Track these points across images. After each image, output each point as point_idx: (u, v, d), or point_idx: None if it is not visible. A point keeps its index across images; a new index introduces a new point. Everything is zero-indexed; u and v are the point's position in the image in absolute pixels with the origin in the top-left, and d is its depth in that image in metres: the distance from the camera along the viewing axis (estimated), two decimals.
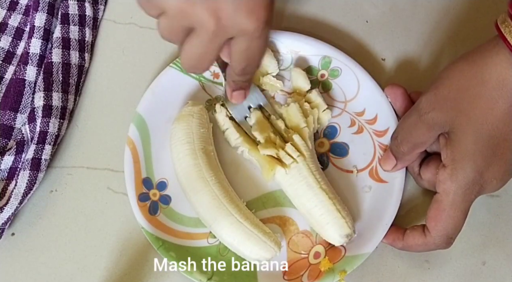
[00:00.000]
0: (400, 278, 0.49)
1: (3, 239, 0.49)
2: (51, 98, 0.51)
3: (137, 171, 0.50)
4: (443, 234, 0.44)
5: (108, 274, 0.49)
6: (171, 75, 0.52)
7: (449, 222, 0.44)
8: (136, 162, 0.50)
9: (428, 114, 0.44)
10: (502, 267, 0.50)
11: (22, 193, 0.49)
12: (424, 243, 0.45)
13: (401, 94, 0.51)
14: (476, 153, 0.42)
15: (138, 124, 0.51)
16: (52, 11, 0.55)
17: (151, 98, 0.52)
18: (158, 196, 0.50)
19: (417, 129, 0.45)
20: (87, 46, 0.56)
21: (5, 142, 0.52)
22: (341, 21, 0.57)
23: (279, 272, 0.48)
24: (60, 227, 0.50)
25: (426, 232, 0.45)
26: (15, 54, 0.55)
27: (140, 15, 0.57)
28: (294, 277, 0.48)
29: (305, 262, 0.49)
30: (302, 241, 0.50)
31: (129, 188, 0.49)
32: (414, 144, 0.46)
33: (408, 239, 0.46)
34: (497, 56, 0.41)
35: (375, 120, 0.52)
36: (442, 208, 0.44)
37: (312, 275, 0.47)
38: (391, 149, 0.49)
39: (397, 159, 0.48)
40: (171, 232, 0.49)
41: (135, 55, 0.56)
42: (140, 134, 0.51)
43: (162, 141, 0.51)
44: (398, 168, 0.49)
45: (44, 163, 0.50)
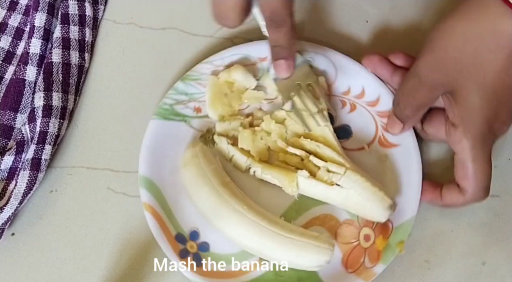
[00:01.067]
0: (400, 278, 0.49)
1: (3, 239, 0.49)
2: (51, 98, 0.51)
3: (166, 231, 0.48)
4: (479, 188, 0.45)
5: (108, 274, 0.49)
6: (158, 127, 0.51)
7: (479, 176, 0.45)
8: (161, 223, 0.48)
9: (429, 77, 0.44)
10: (502, 267, 0.50)
11: (22, 193, 0.49)
12: (464, 201, 0.46)
13: (378, 61, 0.51)
14: (484, 106, 0.43)
15: (147, 187, 0.49)
16: (52, 11, 0.55)
17: (148, 157, 0.50)
18: (195, 247, 0.49)
19: (419, 93, 0.46)
20: (87, 46, 0.56)
21: (5, 142, 0.52)
22: (341, 21, 0.57)
23: (340, 267, 0.48)
24: (60, 227, 0.50)
25: (462, 191, 0.46)
26: (15, 54, 0.55)
27: (140, 15, 0.58)
28: (357, 267, 0.48)
29: (359, 248, 0.49)
30: (347, 231, 0.50)
31: (167, 251, 0.47)
32: (418, 106, 0.47)
33: (447, 199, 0.47)
34: (488, 8, 0.42)
35: (363, 93, 0.52)
36: (467, 166, 0.44)
37: (373, 257, 0.48)
38: (396, 114, 0.49)
39: (403, 121, 0.49)
40: (223, 275, 0.48)
41: (135, 55, 0.56)
42: (153, 195, 0.49)
43: (176, 193, 0.50)
44: (406, 129, 0.50)
45: (44, 163, 0.50)
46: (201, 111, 0.53)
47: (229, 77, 0.52)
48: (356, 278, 0.47)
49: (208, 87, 0.52)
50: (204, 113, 0.53)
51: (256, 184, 0.51)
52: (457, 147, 0.45)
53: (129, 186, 0.51)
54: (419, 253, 0.50)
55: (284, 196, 0.50)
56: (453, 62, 0.43)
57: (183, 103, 0.52)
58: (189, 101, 0.52)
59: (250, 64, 0.53)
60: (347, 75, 0.53)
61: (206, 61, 0.53)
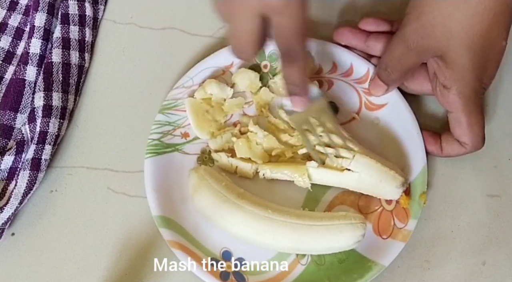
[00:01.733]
0: (400, 278, 0.49)
1: (3, 239, 0.49)
2: (51, 98, 0.51)
3: (199, 260, 0.48)
4: (477, 139, 0.48)
5: (108, 274, 0.49)
6: (154, 164, 0.50)
7: (475, 128, 0.47)
8: (192, 254, 0.48)
9: (417, 43, 0.46)
10: (502, 267, 0.50)
11: (22, 193, 0.49)
12: (465, 152, 0.48)
13: (349, 32, 0.53)
14: (474, 66, 0.45)
15: (165, 224, 0.48)
16: (52, 11, 0.55)
17: (156, 196, 0.49)
18: (232, 266, 0.49)
19: (407, 58, 0.47)
20: (87, 46, 0.56)
21: (5, 142, 0.52)
22: (340, 21, 0.57)
23: (375, 237, 0.49)
24: (60, 227, 0.50)
25: (462, 144, 0.48)
26: (15, 54, 0.55)
27: (140, 15, 0.58)
28: (390, 231, 0.49)
29: (385, 213, 0.50)
30: (368, 201, 0.51)
31: (209, 280, 0.47)
32: (405, 70, 0.49)
33: (448, 151, 0.49)
34: None
35: (336, 68, 0.53)
36: (464, 122, 0.47)
37: (402, 217, 0.49)
38: (381, 78, 0.50)
39: (389, 84, 0.50)
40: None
41: (135, 55, 0.56)
42: (175, 231, 0.49)
43: (194, 221, 0.50)
44: (390, 91, 0.51)
45: (44, 163, 0.50)
46: (189, 136, 0.52)
47: (205, 93, 0.52)
48: (394, 241, 0.48)
49: (188, 109, 0.52)
50: (193, 137, 0.52)
51: (267, 186, 0.51)
52: (451, 107, 0.47)
53: (129, 186, 0.51)
54: (419, 253, 0.50)
55: (297, 188, 0.50)
56: (442, 28, 0.44)
57: (169, 133, 0.52)
58: (175, 129, 0.52)
59: (220, 75, 0.54)
60: (317, 56, 0.53)
61: (177, 86, 0.52)
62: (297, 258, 0.49)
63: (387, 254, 0.48)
